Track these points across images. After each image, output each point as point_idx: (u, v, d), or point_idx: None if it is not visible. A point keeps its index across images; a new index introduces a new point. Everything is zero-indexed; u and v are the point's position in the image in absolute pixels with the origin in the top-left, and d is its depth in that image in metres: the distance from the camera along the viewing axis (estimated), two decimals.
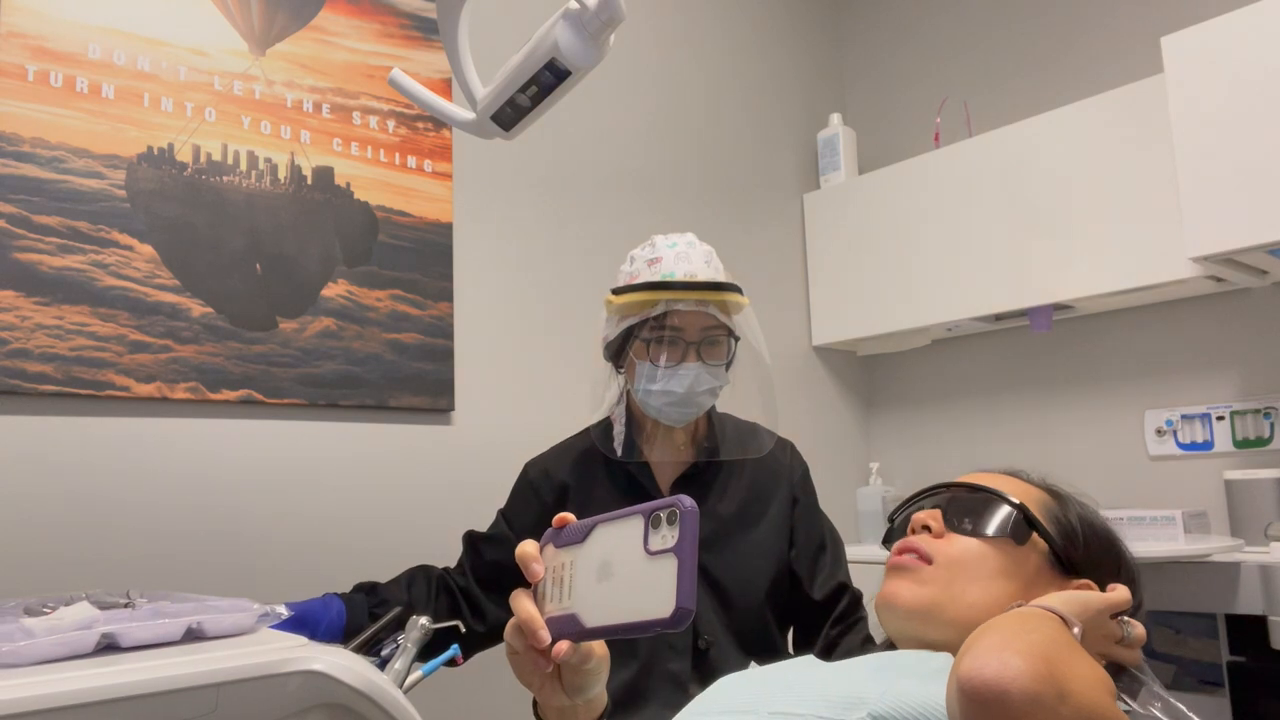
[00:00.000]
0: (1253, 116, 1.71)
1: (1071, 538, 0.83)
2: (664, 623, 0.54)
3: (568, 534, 0.64)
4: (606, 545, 0.61)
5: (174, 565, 1.43)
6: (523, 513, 1.39)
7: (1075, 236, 2.09)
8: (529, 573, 0.65)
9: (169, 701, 0.62)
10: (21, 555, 1.31)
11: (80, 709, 0.59)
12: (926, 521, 0.85)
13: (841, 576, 1.36)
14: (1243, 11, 1.74)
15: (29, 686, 0.58)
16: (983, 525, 0.83)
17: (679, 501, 0.56)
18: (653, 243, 1.32)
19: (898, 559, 0.84)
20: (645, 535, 0.57)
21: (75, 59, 1.42)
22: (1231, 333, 2.10)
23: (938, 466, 2.59)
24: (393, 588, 1.29)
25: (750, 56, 2.61)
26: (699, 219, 2.37)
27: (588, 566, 0.61)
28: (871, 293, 2.48)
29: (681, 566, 0.54)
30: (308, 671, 0.68)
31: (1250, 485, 1.86)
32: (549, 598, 0.64)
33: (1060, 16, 2.43)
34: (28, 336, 1.34)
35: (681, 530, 0.55)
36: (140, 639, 0.69)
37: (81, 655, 0.67)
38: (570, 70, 0.90)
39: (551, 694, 0.67)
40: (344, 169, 1.69)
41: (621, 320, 1.29)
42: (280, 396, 1.56)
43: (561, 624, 0.61)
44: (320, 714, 0.70)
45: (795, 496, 1.38)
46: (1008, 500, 0.83)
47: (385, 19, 1.79)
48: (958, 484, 0.89)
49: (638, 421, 1.36)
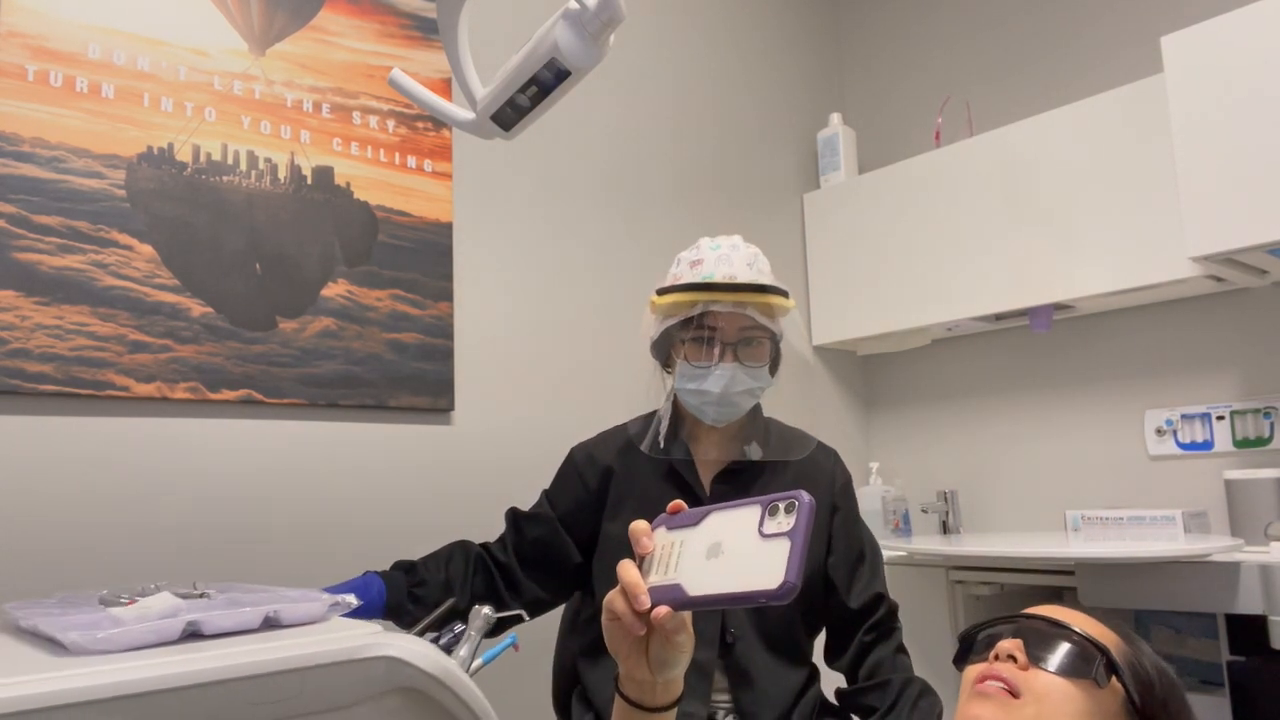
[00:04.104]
0: (1253, 116, 1.71)
1: (1148, 686, 0.87)
2: (770, 594, 0.57)
3: (682, 518, 0.68)
4: (720, 528, 0.64)
5: (174, 565, 1.43)
6: (566, 494, 1.41)
7: (1075, 236, 2.09)
8: (638, 545, 0.68)
9: (258, 685, 0.66)
10: (21, 555, 1.31)
11: (179, 692, 0.62)
12: (1012, 651, 0.87)
13: (879, 586, 1.36)
14: (1243, 11, 1.74)
15: (131, 670, 0.61)
16: (1067, 664, 0.85)
17: (798, 495, 0.60)
18: (698, 245, 1.36)
19: (984, 686, 0.86)
20: (761, 520, 0.61)
21: (75, 59, 1.42)
22: (1231, 333, 2.10)
23: (938, 466, 2.59)
24: (431, 564, 1.32)
25: (750, 56, 2.61)
26: (699, 219, 2.37)
27: (698, 546, 0.65)
28: (871, 292, 2.48)
29: (794, 547, 0.58)
30: (386, 657, 0.71)
31: (1250, 485, 1.86)
32: (654, 570, 0.67)
33: (1060, 16, 2.43)
34: (28, 336, 1.34)
35: (798, 518, 0.60)
36: (222, 627, 0.73)
37: (169, 642, 0.70)
38: (570, 70, 0.90)
39: (636, 665, 0.70)
40: (344, 169, 1.69)
41: (664, 320, 1.33)
42: (280, 396, 1.56)
43: (664, 592, 0.65)
44: (396, 698, 0.73)
45: (835, 504, 1.39)
46: (1093, 643, 0.86)
47: (385, 19, 1.79)
48: (1039, 616, 0.92)
49: (683, 418, 1.39)
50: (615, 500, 1.38)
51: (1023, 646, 0.87)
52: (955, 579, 2.07)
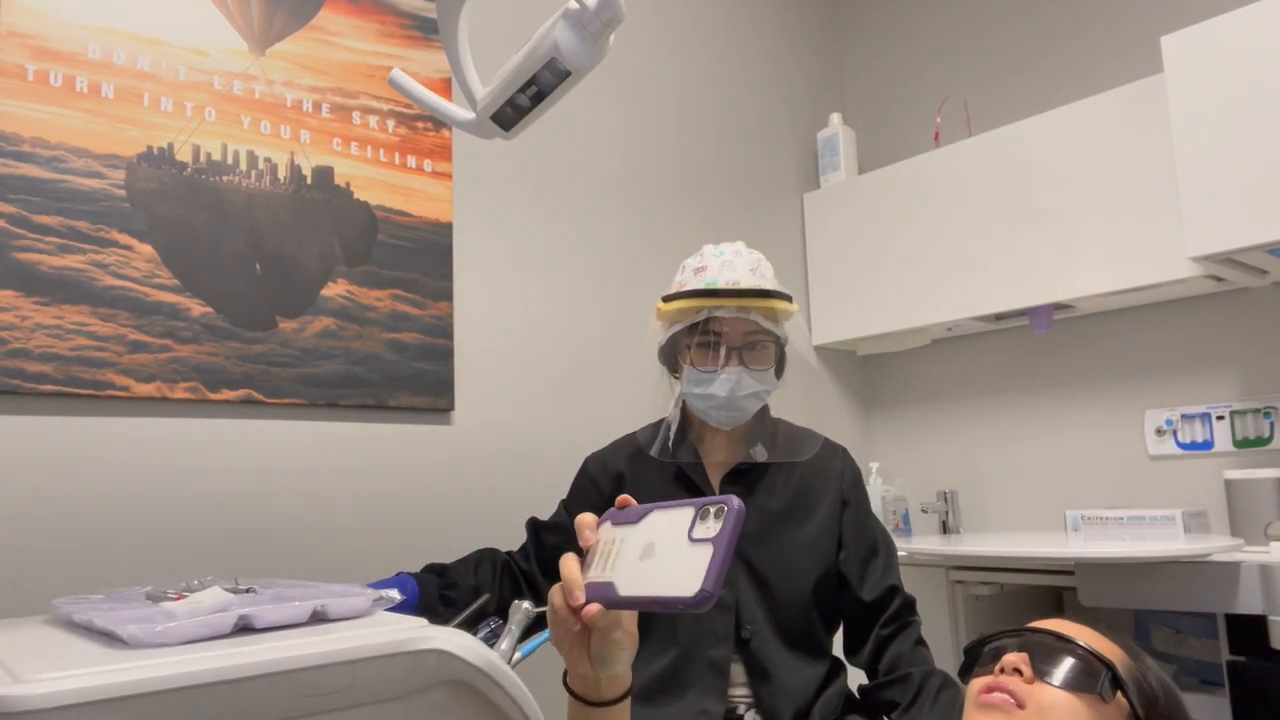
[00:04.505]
0: (1253, 116, 1.71)
1: (1153, 701, 0.88)
2: (686, 602, 0.58)
3: (625, 514, 0.70)
4: (655, 529, 0.65)
5: (174, 565, 1.43)
6: (582, 503, 1.45)
7: (1075, 236, 2.09)
8: (581, 538, 0.71)
9: (313, 676, 0.68)
10: (21, 555, 1.31)
11: (241, 682, 0.65)
12: (1018, 665, 0.88)
13: (893, 579, 1.37)
14: (1243, 11, 1.74)
15: (193, 663, 0.64)
16: (1072, 678, 0.86)
17: (728, 500, 0.61)
18: (701, 252, 1.39)
19: (989, 697, 0.87)
20: (692, 524, 0.62)
21: (75, 59, 1.42)
22: (1231, 333, 2.10)
23: (937, 466, 2.59)
24: (460, 569, 1.36)
25: (750, 56, 2.61)
26: (699, 218, 2.37)
27: (634, 545, 0.66)
28: (871, 292, 2.48)
29: (714, 555, 0.58)
30: (435, 650, 0.73)
31: (1250, 485, 1.86)
32: (594, 566, 0.69)
33: (1060, 16, 2.43)
34: (27, 336, 1.34)
35: (724, 525, 0.59)
36: (272, 621, 0.76)
37: (221, 636, 0.72)
38: (570, 70, 0.90)
39: (579, 660, 0.71)
40: (344, 169, 1.69)
41: (670, 326, 1.36)
42: (280, 396, 1.56)
43: (599, 589, 0.66)
44: (443, 690, 0.75)
45: (845, 500, 1.41)
46: (1099, 657, 0.87)
47: (385, 19, 1.79)
48: (1044, 630, 0.92)
49: (691, 422, 1.42)
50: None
51: (1028, 660, 0.88)
52: (955, 579, 2.07)
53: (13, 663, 0.66)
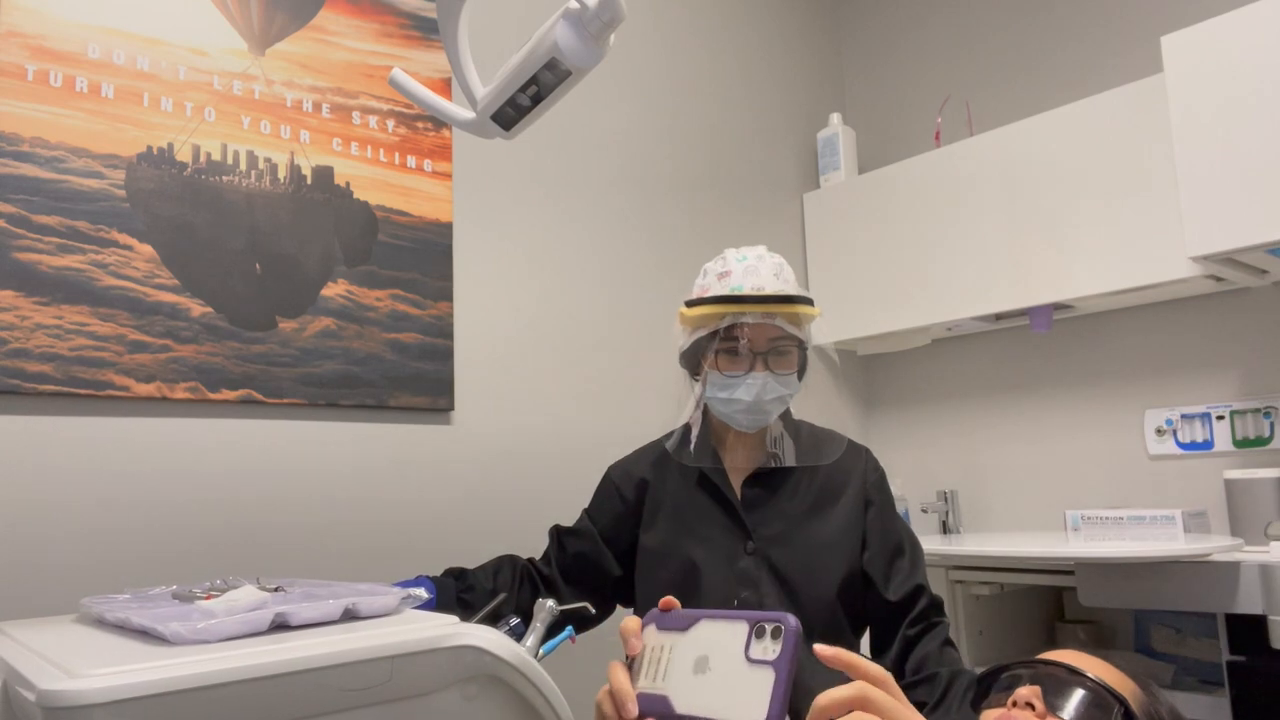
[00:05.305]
0: (1253, 116, 1.71)
1: None
2: None
3: (671, 619, 0.67)
4: (708, 641, 0.63)
5: (173, 565, 1.43)
6: (605, 511, 1.47)
7: (1075, 236, 2.09)
8: (627, 646, 0.68)
9: (353, 671, 0.70)
10: (20, 555, 1.31)
11: (285, 677, 0.67)
12: (1030, 699, 0.87)
13: (919, 579, 1.36)
14: (1243, 11, 1.74)
15: (241, 658, 0.66)
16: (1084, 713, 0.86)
17: (784, 619, 0.59)
18: (724, 256, 1.39)
19: None
20: (748, 642, 0.60)
21: (75, 59, 1.42)
22: (1231, 332, 2.10)
23: (938, 466, 2.59)
24: (480, 574, 1.38)
25: (750, 56, 2.61)
26: (699, 218, 2.37)
27: (685, 655, 0.64)
28: (871, 292, 2.48)
29: (778, 681, 0.57)
30: (470, 646, 0.76)
31: (1250, 485, 1.86)
32: (643, 674, 0.66)
33: (1060, 16, 2.43)
34: (27, 336, 1.34)
35: (783, 647, 0.58)
36: (308, 618, 0.78)
37: (259, 633, 0.75)
38: (570, 70, 0.90)
39: None
40: (344, 169, 1.69)
41: (693, 332, 1.36)
42: (280, 396, 1.56)
43: (652, 702, 0.64)
44: (475, 685, 0.77)
45: (869, 500, 1.40)
46: (1111, 692, 0.87)
47: (385, 19, 1.79)
48: (1056, 662, 0.92)
49: (713, 426, 1.43)
50: (650, 511, 1.43)
51: (1040, 694, 0.87)
52: (955, 579, 2.07)
53: (62, 660, 0.67)
